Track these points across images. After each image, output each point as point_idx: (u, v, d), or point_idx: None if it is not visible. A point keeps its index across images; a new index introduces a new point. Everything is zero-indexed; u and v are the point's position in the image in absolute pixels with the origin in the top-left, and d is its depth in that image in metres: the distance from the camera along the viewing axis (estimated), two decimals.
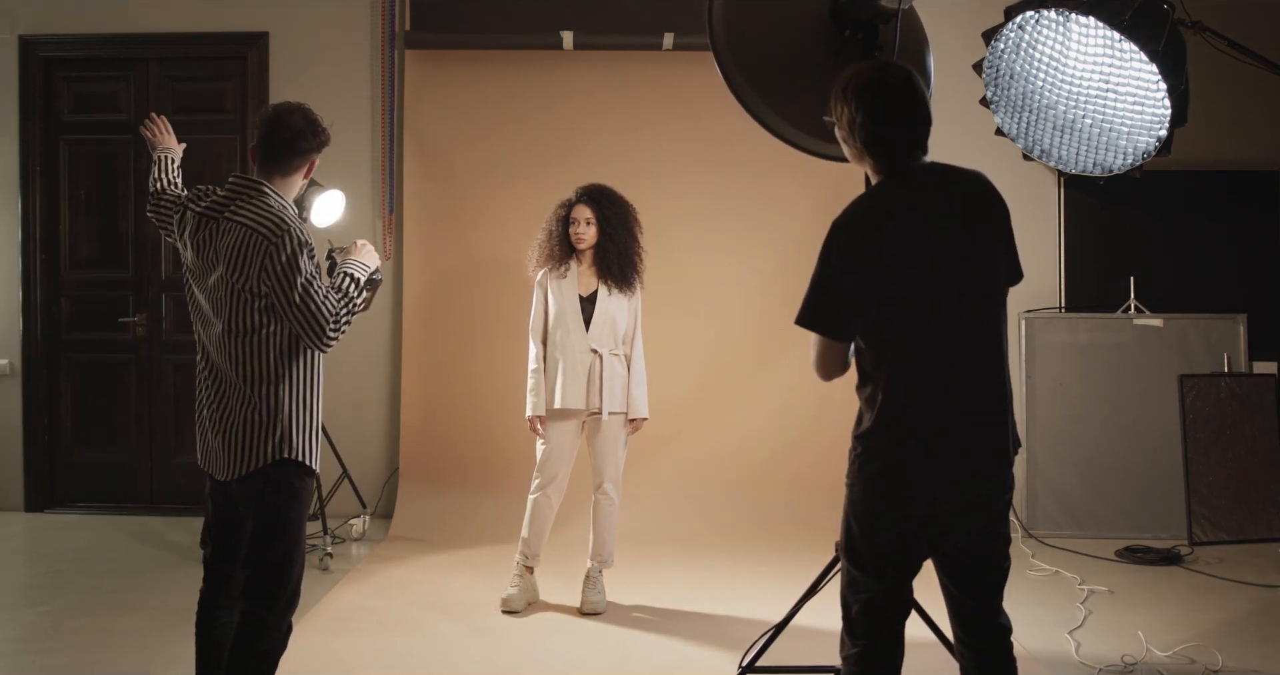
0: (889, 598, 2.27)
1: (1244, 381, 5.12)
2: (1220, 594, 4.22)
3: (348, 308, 2.60)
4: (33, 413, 5.58)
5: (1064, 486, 5.19)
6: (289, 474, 2.54)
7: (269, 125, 2.60)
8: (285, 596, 2.55)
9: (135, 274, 5.60)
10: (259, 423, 2.50)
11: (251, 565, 2.54)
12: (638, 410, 4.00)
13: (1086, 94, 2.96)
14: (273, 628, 2.53)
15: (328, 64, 5.43)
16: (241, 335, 2.50)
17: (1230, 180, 5.39)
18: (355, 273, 2.69)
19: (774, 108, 2.99)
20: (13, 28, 5.52)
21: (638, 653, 3.56)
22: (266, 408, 2.50)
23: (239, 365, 2.51)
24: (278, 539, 2.53)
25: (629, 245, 4.00)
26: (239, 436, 2.51)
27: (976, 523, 2.23)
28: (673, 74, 5.36)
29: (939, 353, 2.19)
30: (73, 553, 4.77)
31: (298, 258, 2.46)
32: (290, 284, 2.46)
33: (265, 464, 2.50)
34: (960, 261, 2.20)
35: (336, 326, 2.53)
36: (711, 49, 2.96)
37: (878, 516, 2.22)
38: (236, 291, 2.49)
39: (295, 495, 2.55)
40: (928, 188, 2.23)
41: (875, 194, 2.27)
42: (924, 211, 2.20)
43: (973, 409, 2.20)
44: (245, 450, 2.51)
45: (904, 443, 2.19)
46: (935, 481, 2.19)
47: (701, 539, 4.97)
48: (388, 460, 5.49)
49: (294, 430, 2.53)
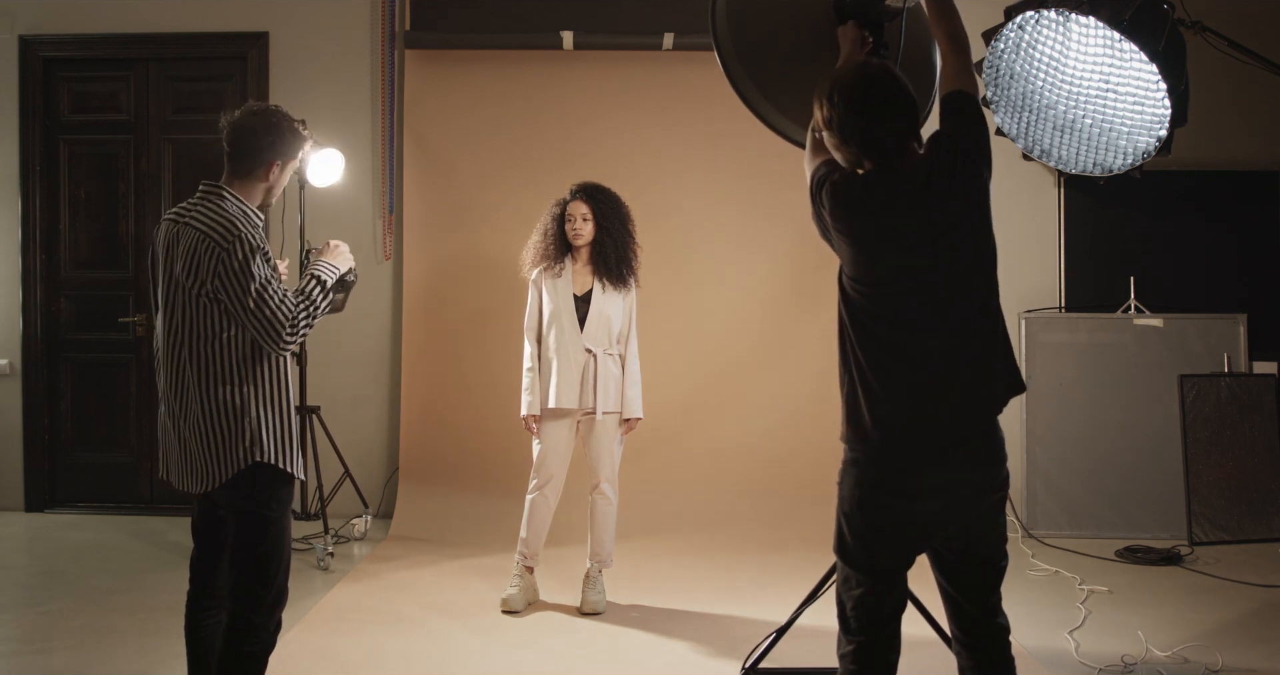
0: (882, 594, 2.25)
1: (1244, 381, 5.12)
2: (1220, 594, 4.21)
3: (307, 310, 2.56)
4: (33, 413, 5.58)
5: (1064, 486, 5.19)
6: (265, 477, 2.52)
7: (228, 128, 2.61)
8: (270, 597, 2.54)
9: (135, 274, 5.60)
10: (226, 429, 2.48)
11: (236, 567, 2.54)
12: (632, 410, 4.00)
13: (1086, 94, 2.95)
14: (259, 628, 2.53)
15: (328, 64, 5.43)
16: (203, 339, 2.49)
17: (1230, 180, 5.39)
18: (322, 275, 2.65)
19: (777, 106, 2.99)
20: (13, 28, 5.52)
21: (638, 653, 3.56)
22: (231, 411, 2.48)
23: (200, 368, 2.49)
24: (259, 540, 2.52)
25: (625, 241, 4.00)
26: (207, 446, 2.48)
27: (967, 520, 2.20)
28: (673, 74, 5.36)
29: (921, 343, 2.17)
30: (72, 553, 4.77)
31: (249, 263, 2.45)
32: (244, 289, 2.45)
33: (238, 471, 2.48)
34: (941, 245, 2.18)
35: (294, 330, 2.50)
36: (715, 47, 2.96)
37: (864, 512, 2.21)
38: (194, 296, 2.49)
39: (273, 496, 2.54)
40: (914, 175, 2.22)
41: (866, 177, 2.26)
42: (908, 197, 2.19)
43: (958, 400, 2.17)
44: (215, 460, 2.48)
45: (886, 437, 2.18)
46: (919, 477, 2.17)
47: (701, 539, 4.97)
48: (388, 460, 5.49)
49: (264, 433, 2.50)
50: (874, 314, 2.21)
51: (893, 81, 2.22)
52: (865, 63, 2.32)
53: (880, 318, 2.20)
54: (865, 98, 2.20)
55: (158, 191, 5.58)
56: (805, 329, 5.26)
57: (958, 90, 2.31)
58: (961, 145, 2.24)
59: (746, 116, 3.05)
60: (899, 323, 2.19)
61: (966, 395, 2.18)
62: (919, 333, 2.18)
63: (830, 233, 2.30)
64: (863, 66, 2.28)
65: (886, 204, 2.21)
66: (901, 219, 2.20)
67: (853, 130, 2.21)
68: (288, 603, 2.61)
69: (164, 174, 5.59)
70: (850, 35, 2.70)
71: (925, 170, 2.22)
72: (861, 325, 2.22)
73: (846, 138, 2.23)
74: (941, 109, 2.32)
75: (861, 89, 2.21)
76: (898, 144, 2.22)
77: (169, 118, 5.60)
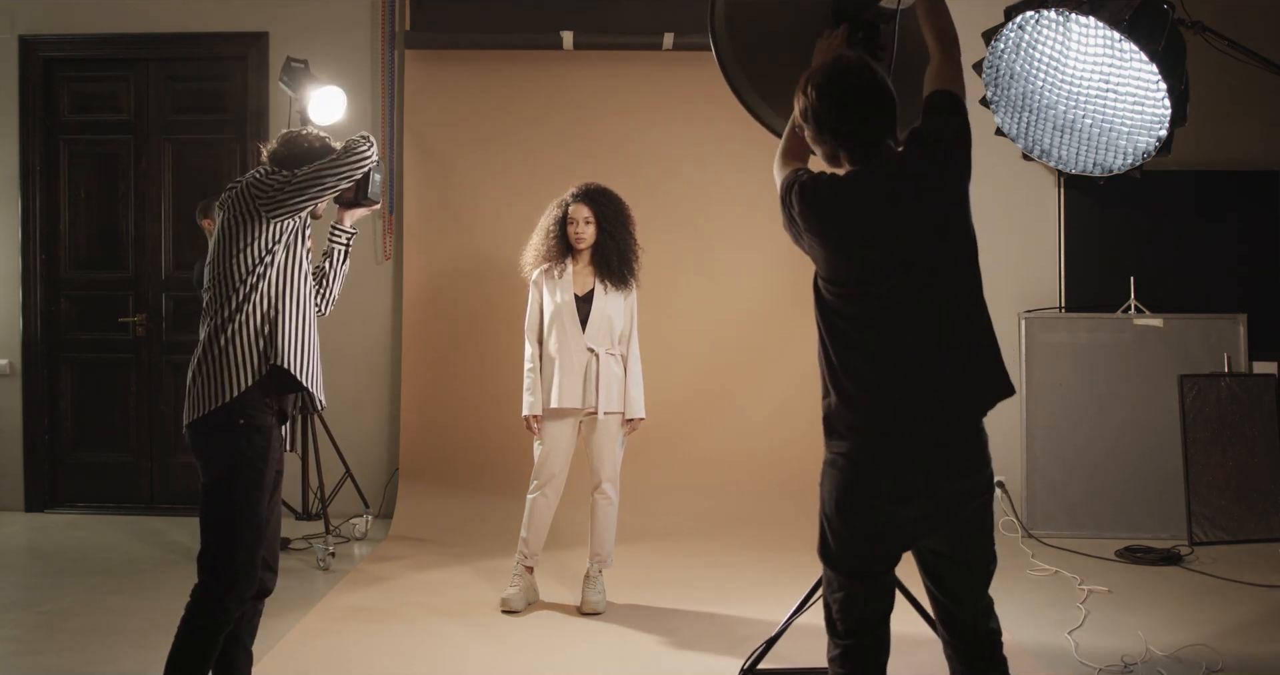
0: (866, 596, 2.23)
1: (1244, 381, 5.12)
2: (1220, 594, 4.21)
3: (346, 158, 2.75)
4: (33, 413, 5.58)
5: (1064, 486, 5.19)
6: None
7: (271, 158, 2.80)
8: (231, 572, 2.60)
9: (135, 274, 5.60)
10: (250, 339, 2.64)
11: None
12: (635, 410, 4.00)
13: (1086, 94, 2.95)
14: (218, 602, 2.60)
15: (328, 64, 5.43)
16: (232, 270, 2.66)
17: (1230, 180, 5.39)
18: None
19: (775, 107, 3.00)
20: (13, 28, 5.53)
21: (638, 653, 3.56)
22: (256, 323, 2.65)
23: (219, 285, 2.65)
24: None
25: (627, 243, 4.01)
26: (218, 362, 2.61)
27: (950, 524, 2.16)
28: (673, 74, 5.36)
29: (896, 344, 2.14)
30: (73, 553, 4.77)
31: (272, 173, 2.71)
32: (284, 178, 2.67)
33: (258, 378, 2.62)
34: (915, 244, 2.15)
35: (355, 144, 2.74)
36: (713, 48, 2.96)
37: (843, 515, 2.18)
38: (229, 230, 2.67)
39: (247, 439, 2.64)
40: (888, 172, 2.20)
41: (835, 175, 2.25)
42: (881, 194, 2.18)
43: (938, 403, 2.13)
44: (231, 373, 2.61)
45: (862, 439, 2.15)
46: (897, 479, 2.13)
47: (702, 538, 4.98)
48: (389, 460, 5.50)
49: (282, 344, 2.67)
50: (847, 316, 2.19)
51: (868, 72, 2.21)
52: (841, 55, 2.32)
53: (854, 319, 2.18)
54: (840, 87, 2.19)
55: (158, 191, 5.59)
56: (807, 328, 5.17)
57: (941, 89, 2.29)
58: (941, 144, 2.22)
59: (746, 116, 3.06)
60: (872, 324, 2.17)
61: (947, 397, 2.13)
62: (894, 334, 2.15)
63: (802, 236, 2.27)
64: (839, 58, 2.28)
65: (857, 201, 2.19)
66: (873, 216, 2.17)
67: (827, 121, 2.20)
68: (287, 601, 2.62)
69: (164, 174, 5.59)
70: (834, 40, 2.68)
71: (900, 168, 2.20)
72: (835, 327, 2.20)
73: (821, 128, 2.22)
74: (924, 107, 2.30)
75: (836, 79, 2.20)
76: (871, 136, 2.20)
77: (169, 118, 5.60)
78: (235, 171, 5.48)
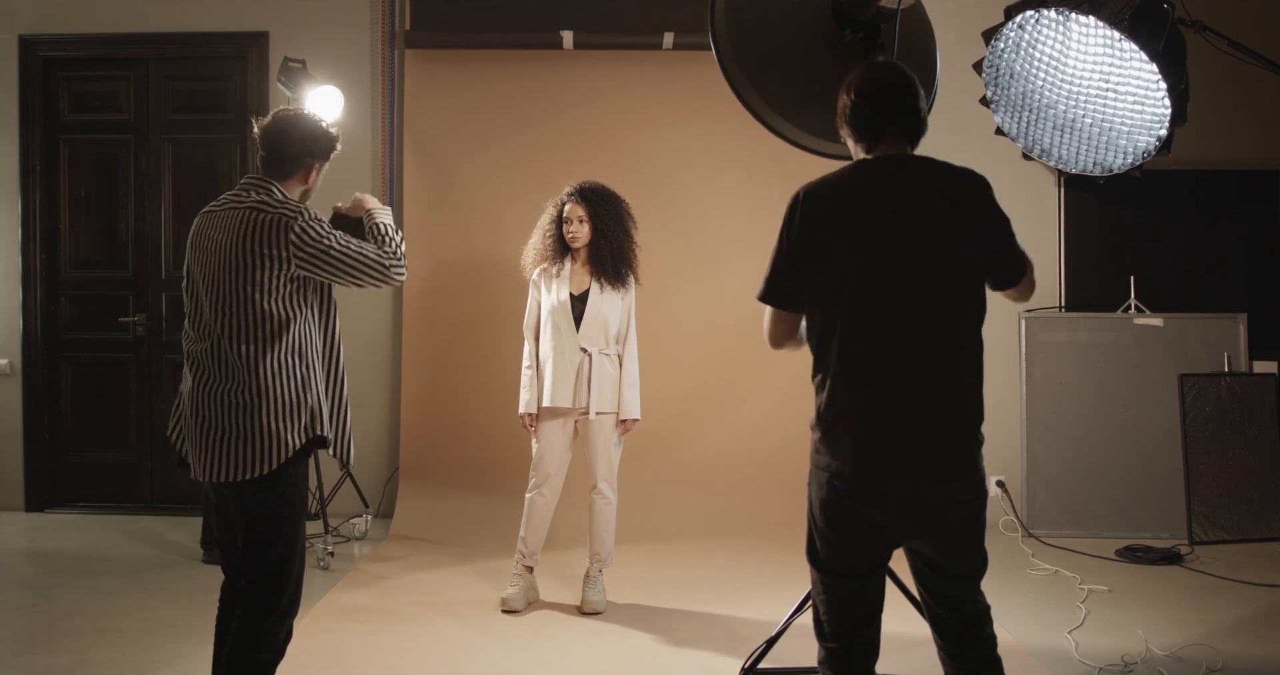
0: (852, 598, 2.23)
1: (1244, 381, 5.12)
2: (1220, 594, 4.22)
3: (391, 238, 2.72)
4: (33, 413, 5.58)
5: (1064, 486, 5.19)
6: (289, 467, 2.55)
7: (263, 134, 2.66)
8: (282, 604, 2.55)
9: (135, 274, 5.60)
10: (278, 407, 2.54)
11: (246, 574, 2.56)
12: (629, 411, 3.99)
13: (1086, 93, 2.96)
14: (269, 634, 2.53)
15: (327, 64, 5.43)
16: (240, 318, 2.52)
17: (1230, 180, 5.39)
18: (379, 218, 2.80)
19: (775, 107, 3.00)
20: (13, 28, 5.53)
21: (637, 652, 3.56)
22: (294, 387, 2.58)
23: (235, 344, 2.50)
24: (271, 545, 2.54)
25: (623, 242, 3.99)
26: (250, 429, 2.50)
27: (938, 530, 2.15)
28: (673, 74, 5.36)
29: (888, 344, 2.14)
30: (73, 553, 4.77)
31: (317, 225, 2.56)
32: (326, 249, 2.54)
33: (299, 446, 2.54)
34: (921, 250, 2.15)
35: (394, 256, 2.67)
36: (713, 48, 2.96)
37: (829, 517, 2.19)
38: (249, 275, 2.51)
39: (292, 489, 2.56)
40: (901, 173, 2.22)
41: (843, 172, 2.27)
42: (890, 195, 2.19)
43: (923, 407, 2.13)
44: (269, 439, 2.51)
45: (848, 439, 2.15)
46: (879, 481, 2.13)
47: (702, 538, 4.97)
48: (389, 460, 5.50)
49: (320, 409, 2.66)
50: (836, 317, 2.19)
51: (899, 70, 2.28)
52: (875, 58, 2.41)
53: (846, 320, 2.18)
54: (871, 80, 2.25)
55: (158, 191, 5.59)
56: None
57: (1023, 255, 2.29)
58: (989, 219, 2.21)
59: (746, 116, 3.06)
60: (861, 325, 2.17)
61: (938, 403, 2.14)
62: (884, 335, 2.15)
63: (801, 247, 2.24)
64: (874, 60, 2.38)
65: (859, 188, 2.22)
66: (871, 205, 2.19)
67: (855, 113, 2.24)
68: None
69: (164, 174, 5.59)
70: None
71: (924, 183, 2.21)
72: (827, 327, 2.21)
73: (850, 121, 2.27)
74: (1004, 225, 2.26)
75: (869, 73, 2.28)
76: (889, 127, 2.22)
77: (169, 118, 5.60)
78: (235, 171, 5.48)
